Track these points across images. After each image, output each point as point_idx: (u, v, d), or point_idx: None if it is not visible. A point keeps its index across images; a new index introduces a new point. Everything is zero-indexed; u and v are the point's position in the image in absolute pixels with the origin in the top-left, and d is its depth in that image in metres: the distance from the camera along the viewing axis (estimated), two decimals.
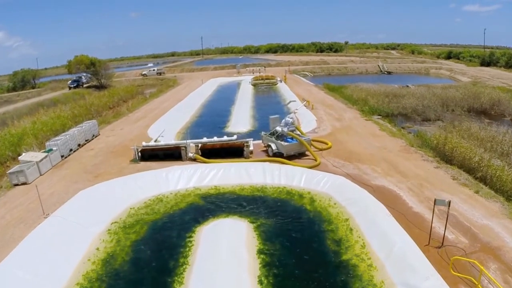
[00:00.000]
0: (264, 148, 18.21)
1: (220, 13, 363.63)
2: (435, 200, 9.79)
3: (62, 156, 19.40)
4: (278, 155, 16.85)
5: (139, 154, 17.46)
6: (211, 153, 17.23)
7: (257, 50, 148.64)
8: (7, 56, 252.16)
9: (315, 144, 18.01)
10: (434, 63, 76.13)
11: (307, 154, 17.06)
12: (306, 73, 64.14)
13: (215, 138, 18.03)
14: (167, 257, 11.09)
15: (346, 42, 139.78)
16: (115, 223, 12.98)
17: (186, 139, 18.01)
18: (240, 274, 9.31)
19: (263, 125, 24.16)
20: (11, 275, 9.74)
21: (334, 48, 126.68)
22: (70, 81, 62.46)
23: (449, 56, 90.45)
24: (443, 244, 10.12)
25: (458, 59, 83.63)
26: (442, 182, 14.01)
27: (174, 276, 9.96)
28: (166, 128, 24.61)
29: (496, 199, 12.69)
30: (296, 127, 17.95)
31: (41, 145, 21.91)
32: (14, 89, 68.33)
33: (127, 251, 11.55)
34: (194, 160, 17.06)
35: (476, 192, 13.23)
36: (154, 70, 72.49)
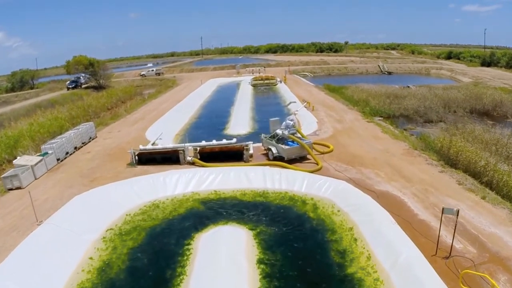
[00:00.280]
0: (264, 151, 17.82)
1: (220, 13, 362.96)
2: (443, 209, 9.41)
3: (58, 159, 19.00)
4: (279, 159, 16.47)
5: (136, 158, 17.06)
6: (210, 156, 16.84)
7: (256, 50, 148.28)
8: (7, 56, 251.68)
9: (316, 147, 17.63)
10: (435, 63, 75.77)
11: (309, 157, 16.68)
12: (306, 73, 63.76)
13: (214, 141, 17.62)
14: (164, 265, 10.69)
15: (346, 42, 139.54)
16: (111, 230, 12.58)
17: (184, 142, 17.61)
18: (239, 286, 8.92)
19: (263, 127, 23.75)
20: (1, 286, 9.35)
21: (334, 48, 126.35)
22: (69, 81, 62.12)
23: (449, 56, 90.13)
24: (450, 254, 9.74)
25: (459, 59, 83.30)
26: (448, 187, 13.63)
27: (171, 287, 9.60)
28: (164, 130, 24.24)
29: (503, 205, 12.31)
30: (297, 130, 17.56)
31: (37, 147, 21.50)
32: (12, 89, 67.95)
33: (124, 259, 11.15)
34: (193, 164, 16.67)
35: (483, 198, 12.84)
36: (153, 70, 72.07)
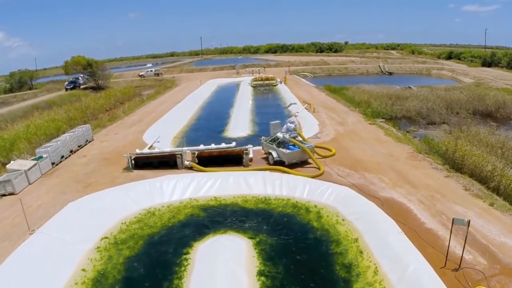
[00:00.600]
0: (265, 155, 17.34)
1: (220, 13, 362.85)
2: (453, 220, 8.93)
3: (53, 163, 18.51)
4: (279, 163, 15.99)
5: (133, 162, 16.57)
6: (208, 161, 16.36)
7: (256, 50, 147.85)
8: (7, 56, 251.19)
9: (318, 151, 17.13)
10: (435, 64, 75.31)
11: (310, 162, 16.20)
12: (306, 73, 63.29)
13: (213, 145, 17.12)
14: (161, 277, 10.22)
15: (346, 42, 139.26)
16: (105, 238, 12.09)
17: (182, 145, 17.12)
18: None
19: (263, 129, 23.28)
20: None
21: (334, 48, 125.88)
22: (67, 82, 61.65)
23: (450, 56, 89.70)
24: (460, 266, 9.27)
25: (459, 59, 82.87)
26: (454, 194, 13.16)
27: None
28: (162, 132, 23.75)
29: None
30: (298, 133, 17.06)
31: (34, 150, 20.96)
32: (11, 90, 67.45)
33: (120, 269, 10.69)
34: (191, 168, 16.18)
35: (491, 204, 12.38)
36: (151, 71, 71.52)
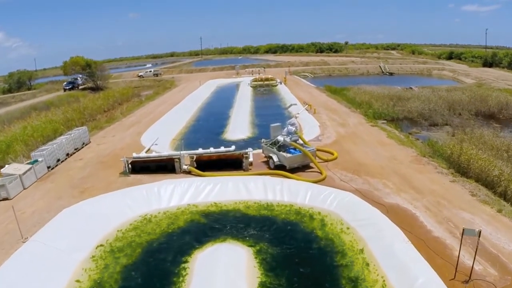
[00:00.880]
0: (265, 159, 16.92)
1: (220, 13, 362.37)
2: (464, 230, 8.53)
3: (49, 167, 18.09)
4: (280, 168, 15.57)
5: (130, 166, 16.16)
6: (207, 165, 15.94)
7: (256, 51, 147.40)
8: (6, 56, 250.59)
9: (319, 154, 16.71)
10: (436, 64, 74.92)
11: (312, 166, 15.79)
12: (307, 74, 62.88)
13: (211, 149, 16.68)
14: (159, 286, 9.85)
15: (346, 42, 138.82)
16: (101, 246, 11.68)
17: (180, 149, 16.70)
18: None
19: (263, 131, 22.89)
20: None
21: (334, 49, 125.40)
22: (66, 82, 61.21)
23: (450, 56, 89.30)
24: (470, 278, 8.88)
25: (460, 59, 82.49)
26: (461, 199, 12.76)
27: None
28: (160, 134, 23.34)
29: None
30: (299, 136, 16.65)
31: (30, 152, 20.61)
32: (9, 90, 66.96)
33: (116, 278, 10.30)
34: (189, 172, 15.76)
35: (499, 211, 11.98)
36: (150, 71, 71.06)
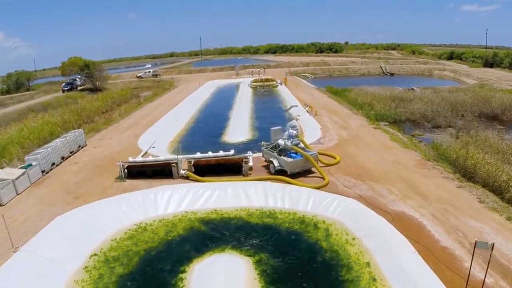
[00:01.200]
0: (265, 163, 16.45)
1: (219, 13, 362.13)
2: (476, 243, 8.06)
3: (43, 171, 17.61)
4: (281, 173, 15.08)
5: (126, 171, 15.68)
6: (206, 169, 15.47)
7: (256, 51, 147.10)
8: (6, 57, 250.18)
9: (321, 158, 16.21)
10: (437, 64, 74.51)
11: (313, 170, 15.31)
12: (307, 74, 62.47)
13: (210, 153, 16.21)
14: None
15: (346, 42, 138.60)
16: (95, 255, 11.21)
17: (177, 153, 16.23)
18: None
19: (263, 133, 22.44)
20: None
21: (334, 49, 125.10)
22: (64, 83, 60.74)
23: (451, 56, 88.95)
24: None
25: (461, 59, 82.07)
26: (469, 206, 12.29)
27: None
28: (158, 137, 22.89)
29: None
30: (300, 140, 16.17)
31: (26, 155, 20.14)
32: (8, 91, 66.49)
33: None
34: (187, 178, 15.29)
35: (508, 219, 11.52)
36: (149, 72, 70.60)
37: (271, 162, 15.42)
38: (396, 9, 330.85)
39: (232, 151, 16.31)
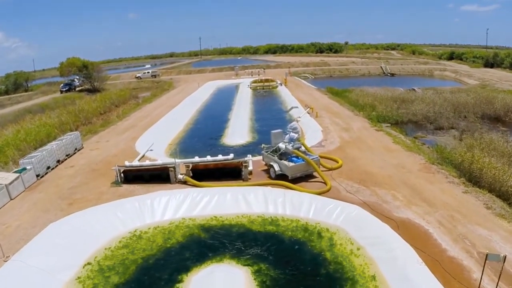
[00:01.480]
0: (265, 167, 16.03)
1: (219, 13, 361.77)
2: (487, 255, 7.67)
3: (38, 175, 17.20)
4: (282, 177, 14.65)
5: (122, 176, 15.26)
6: (204, 174, 15.05)
7: (256, 51, 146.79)
8: (6, 57, 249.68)
9: (323, 162, 15.77)
10: (438, 64, 74.17)
11: (315, 175, 14.89)
12: (307, 75, 62.09)
13: (208, 157, 15.78)
14: None
15: (346, 43, 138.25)
16: (88, 264, 10.80)
17: (175, 157, 15.81)
18: None
19: (263, 135, 22.05)
20: None
21: (334, 49, 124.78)
22: (62, 84, 60.30)
23: (451, 56, 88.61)
24: None
25: (461, 59, 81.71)
26: (476, 213, 11.88)
27: None
28: (156, 139, 22.47)
29: None
30: (302, 144, 15.75)
31: (22, 157, 19.72)
32: (6, 92, 66.05)
33: None
34: (184, 182, 14.87)
35: None
36: (148, 72, 70.23)
37: (272, 166, 15.00)
38: (396, 9, 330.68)
39: (231, 155, 15.88)
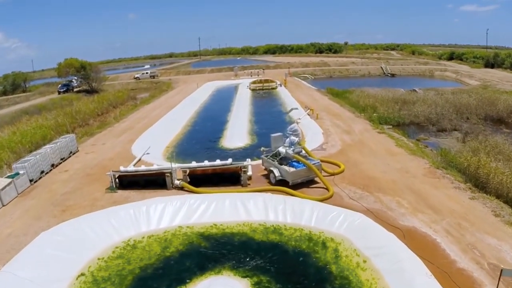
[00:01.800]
0: (265, 172, 15.56)
1: (218, 14, 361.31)
2: (502, 271, 7.23)
3: (31, 180, 16.70)
4: (282, 183, 14.15)
5: (117, 181, 14.78)
6: (202, 179, 14.57)
7: (255, 51, 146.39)
8: (6, 57, 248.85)
9: (325, 167, 15.29)
10: (438, 65, 73.83)
11: (317, 180, 14.41)
12: (307, 75, 61.68)
13: (206, 162, 15.30)
14: None
15: (346, 43, 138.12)
16: (82, 275, 10.32)
17: (172, 161, 15.33)
18: None
19: (262, 138, 21.59)
20: None
21: (333, 49, 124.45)
22: (60, 85, 59.78)
23: (451, 57, 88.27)
24: None
25: (461, 60, 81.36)
26: (484, 221, 11.43)
27: None
28: (153, 142, 22.02)
29: None
30: (302, 148, 15.28)
31: (18, 160, 19.22)
32: (4, 93, 65.52)
33: None
34: (181, 188, 14.38)
35: None
36: (147, 73, 69.76)
37: (272, 171, 14.51)
38: (396, 9, 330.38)
39: (229, 160, 15.40)
